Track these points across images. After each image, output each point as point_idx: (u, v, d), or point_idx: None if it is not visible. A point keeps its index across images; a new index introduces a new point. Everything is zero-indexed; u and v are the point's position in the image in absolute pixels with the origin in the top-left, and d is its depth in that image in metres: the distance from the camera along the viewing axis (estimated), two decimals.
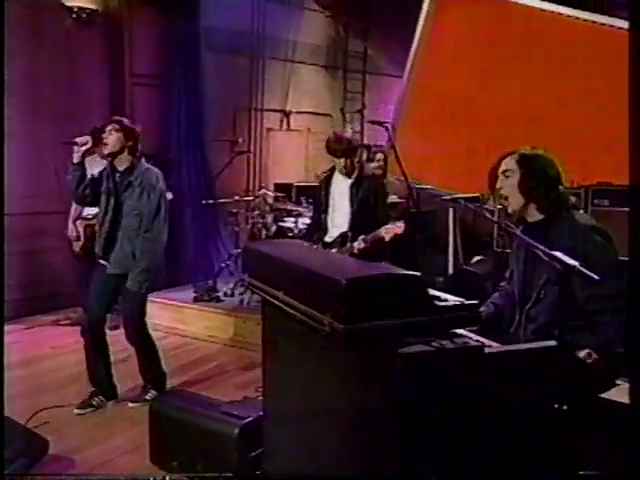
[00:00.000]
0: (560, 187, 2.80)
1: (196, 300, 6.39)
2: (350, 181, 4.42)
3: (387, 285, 2.12)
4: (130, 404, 4.50)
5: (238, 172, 8.40)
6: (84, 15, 6.62)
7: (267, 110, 8.94)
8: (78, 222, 6.09)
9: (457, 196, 2.84)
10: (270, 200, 7.23)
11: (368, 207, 4.37)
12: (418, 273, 2.18)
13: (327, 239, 4.48)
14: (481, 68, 7.51)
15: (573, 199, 2.85)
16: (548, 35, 7.18)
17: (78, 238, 6.08)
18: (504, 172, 2.87)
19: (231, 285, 6.82)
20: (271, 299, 2.58)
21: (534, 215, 2.84)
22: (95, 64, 6.98)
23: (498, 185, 2.89)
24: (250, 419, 3.29)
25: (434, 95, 7.87)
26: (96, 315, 4.39)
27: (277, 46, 8.81)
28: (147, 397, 4.46)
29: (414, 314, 2.12)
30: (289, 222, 6.56)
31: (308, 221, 6.54)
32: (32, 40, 6.15)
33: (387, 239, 4.09)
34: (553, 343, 2.29)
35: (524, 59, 7.24)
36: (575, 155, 5.84)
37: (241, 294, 6.66)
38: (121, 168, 4.36)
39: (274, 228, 6.86)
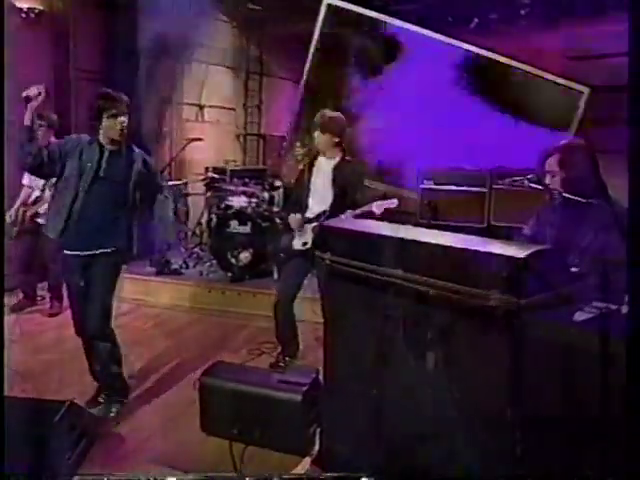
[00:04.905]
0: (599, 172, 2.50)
1: (158, 274, 5.66)
2: (333, 163, 3.92)
3: (548, 259, 1.81)
4: None
5: (162, 157, 7.65)
6: (32, 15, 5.72)
7: (186, 104, 8.24)
8: (22, 208, 4.78)
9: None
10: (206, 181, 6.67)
11: (348, 188, 3.90)
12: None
13: (309, 215, 3.96)
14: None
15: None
16: None
17: (15, 224, 4.75)
18: (549, 172, 2.52)
19: (181, 259, 6.11)
20: (379, 277, 2.15)
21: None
22: (43, 59, 5.92)
23: (547, 181, 2.52)
24: (308, 386, 2.86)
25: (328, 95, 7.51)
26: None
27: (195, 49, 8.13)
28: None
29: (562, 284, 1.84)
30: (237, 201, 5.93)
31: (256, 200, 5.99)
32: None
33: (378, 213, 3.65)
34: None
35: None
36: None
37: (194, 266, 6.03)
38: None
39: (215, 208, 6.28)
